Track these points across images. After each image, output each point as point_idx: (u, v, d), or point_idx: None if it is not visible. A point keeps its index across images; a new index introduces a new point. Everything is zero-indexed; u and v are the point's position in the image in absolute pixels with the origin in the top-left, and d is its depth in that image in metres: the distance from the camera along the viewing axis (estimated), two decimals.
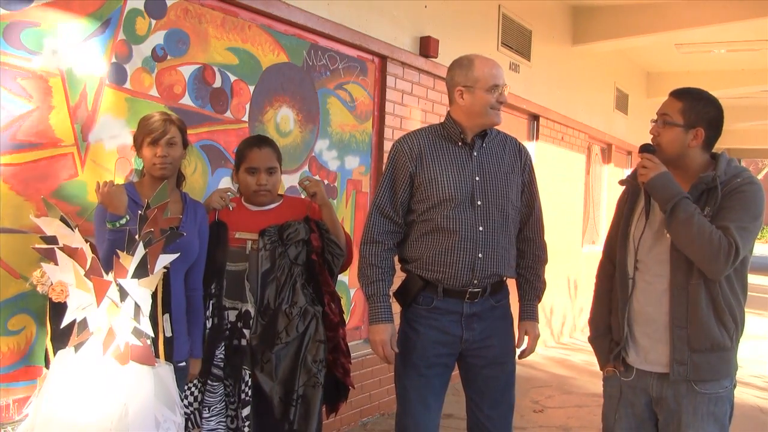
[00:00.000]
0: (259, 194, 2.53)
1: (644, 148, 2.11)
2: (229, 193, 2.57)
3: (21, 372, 2.41)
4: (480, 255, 2.32)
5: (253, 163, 2.52)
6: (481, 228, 2.33)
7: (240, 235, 2.48)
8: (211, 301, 2.46)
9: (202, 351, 2.43)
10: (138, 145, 2.31)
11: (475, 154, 2.38)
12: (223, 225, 2.47)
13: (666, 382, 2.09)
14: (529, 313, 2.49)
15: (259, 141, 2.61)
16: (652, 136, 2.16)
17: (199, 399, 2.48)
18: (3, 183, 2.35)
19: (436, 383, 2.40)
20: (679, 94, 2.13)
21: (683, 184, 2.10)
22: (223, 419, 2.49)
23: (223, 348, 2.48)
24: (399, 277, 2.47)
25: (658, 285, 2.10)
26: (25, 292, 2.39)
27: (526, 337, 2.49)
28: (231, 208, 2.54)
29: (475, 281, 2.33)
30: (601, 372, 2.30)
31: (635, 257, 2.16)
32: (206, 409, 2.46)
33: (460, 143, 2.39)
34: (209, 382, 2.46)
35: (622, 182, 2.30)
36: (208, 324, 2.46)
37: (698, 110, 2.08)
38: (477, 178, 2.35)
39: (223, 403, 2.49)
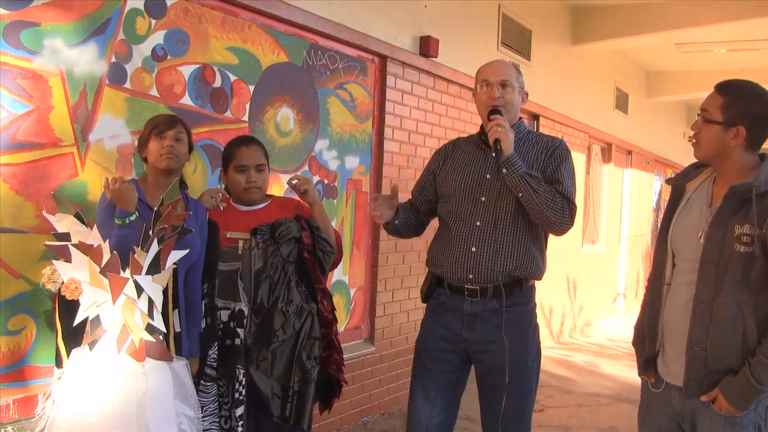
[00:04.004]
0: (249, 191, 2.54)
1: (495, 111, 2.32)
2: (220, 194, 2.58)
3: (21, 372, 2.41)
4: (473, 249, 2.34)
5: (242, 161, 2.53)
6: (478, 223, 2.35)
7: (231, 234, 2.49)
8: (203, 302, 2.45)
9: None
10: (144, 140, 2.31)
11: (493, 154, 2.36)
12: (215, 225, 2.47)
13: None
14: None
15: (247, 140, 2.65)
16: (693, 132, 1.97)
17: None
18: (3, 183, 2.34)
19: (440, 379, 2.42)
20: (721, 89, 1.92)
21: (724, 188, 1.92)
22: (216, 419, 2.48)
23: (216, 348, 2.48)
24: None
25: (683, 294, 1.94)
26: (26, 292, 2.39)
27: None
28: (222, 208, 2.55)
29: (471, 276, 2.33)
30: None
31: (673, 261, 2.00)
32: (199, 409, 2.46)
33: (482, 145, 2.46)
34: (202, 382, 2.46)
35: (668, 181, 2.13)
36: (201, 324, 2.45)
37: (740, 106, 1.87)
38: (488, 176, 2.38)
39: (216, 404, 2.49)
